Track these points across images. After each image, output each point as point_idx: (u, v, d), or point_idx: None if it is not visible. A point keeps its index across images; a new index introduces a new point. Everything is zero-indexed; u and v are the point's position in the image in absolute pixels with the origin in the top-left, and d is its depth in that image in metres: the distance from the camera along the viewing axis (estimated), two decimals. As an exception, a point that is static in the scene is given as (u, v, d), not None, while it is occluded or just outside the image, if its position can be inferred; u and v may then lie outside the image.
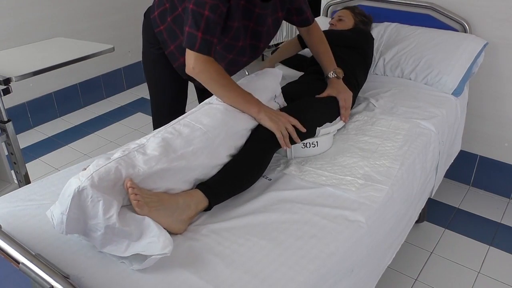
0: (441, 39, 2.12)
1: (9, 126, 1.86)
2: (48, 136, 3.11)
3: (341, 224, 1.21)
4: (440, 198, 2.41)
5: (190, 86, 1.80)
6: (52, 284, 0.89)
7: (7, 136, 1.86)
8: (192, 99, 1.90)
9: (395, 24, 2.31)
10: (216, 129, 1.32)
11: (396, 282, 1.90)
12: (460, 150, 2.19)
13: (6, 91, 1.76)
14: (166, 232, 1.06)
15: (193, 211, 1.20)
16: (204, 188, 1.24)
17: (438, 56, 2.05)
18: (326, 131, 1.57)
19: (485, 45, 2.12)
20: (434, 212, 2.31)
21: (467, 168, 2.50)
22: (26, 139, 3.05)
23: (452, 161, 2.12)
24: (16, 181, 2.04)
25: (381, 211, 1.31)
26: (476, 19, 2.19)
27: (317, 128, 1.54)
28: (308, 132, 1.51)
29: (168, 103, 1.80)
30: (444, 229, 2.22)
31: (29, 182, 1.94)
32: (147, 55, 1.76)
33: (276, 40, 3.70)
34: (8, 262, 0.97)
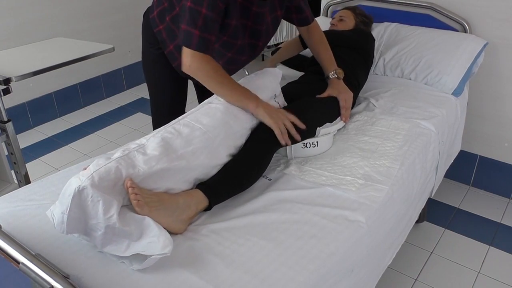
0: (441, 39, 2.12)
1: (9, 126, 1.86)
2: (48, 136, 3.10)
3: (341, 224, 1.21)
4: (440, 198, 2.41)
5: (190, 86, 1.80)
6: (52, 284, 0.89)
7: (7, 136, 1.86)
8: (192, 99, 1.90)
9: (395, 24, 2.31)
10: (216, 129, 1.32)
11: (396, 282, 1.90)
12: (460, 150, 2.19)
13: (6, 91, 1.77)
14: (166, 232, 1.06)
15: (193, 211, 1.20)
16: (204, 188, 1.24)
17: (438, 56, 2.05)
18: (326, 131, 1.57)
19: (485, 45, 2.12)
20: (434, 212, 2.31)
21: (467, 168, 2.50)
22: (26, 139, 3.05)
23: (452, 161, 2.12)
24: (16, 181, 2.04)
25: (381, 211, 1.31)
26: (476, 19, 2.19)
27: (317, 128, 1.54)
28: (308, 132, 1.51)
29: (168, 103, 1.80)
30: (444, 229, 2.22)
31: (29, 182, 1.94)
32: (147, 55, 1.76)
33: (276, 40, 3.70)
34: (8, 262, 0.97)
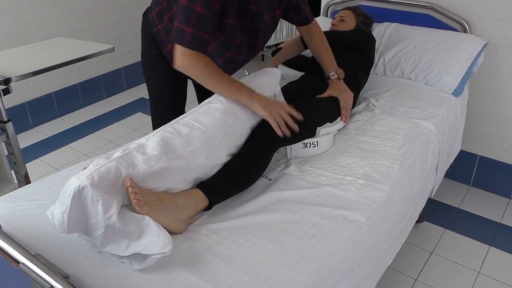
0: (441, 39, 2.12)
1: (9, 126, 1.86)
2: (48, 136, 3.10)
3: (341, 224, 1.21)
4: (440, 198, 2.41)
5: (190, 86, 1.80)
6: (52, 284, 0.89)
7: (7, 136, 1.86)
8: (192, 99, 1.89)
9: (395, 24, 2.31)
10: (216, 128, 1.32)
11: (396, 282, 1.90)
12: (460, 150, 2.19)
13: (6, 91, 1.77)
14: (166, 231, 1.07)
15: (193, 211, 1.20)
16: (204, 187, 1.24)
17: (438, 56, 2.05)
18: (327, 131, 1.57)
19: (485, 45, 2.12)
20: (434, 212, 2.31)
21: (467, 168, 2.50)
22: (26, 139, 3.05)
23: (452, 161, 2.12)
24: (16, 181, 2.04)
25: (381, 211, 1.31)
26: (476, 19, 2.19)
27: (318, 128, 1.54)
28: (309, 132, 1.51)
29: (167, 103, 1.80)
30: (444, 229, 2.22)
31: (29, 182, 1.94)
32: (146, 55, 1.76)
33: (276, 40, 3.70)
34: (8, 262, 0.97)
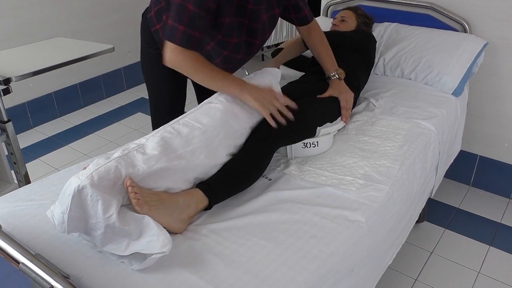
0: (441, 39, 2.12)
1: (9, 126, 1.86)
2: (48, 136, 3.10)
3: (341, 224, 1.21)
4: (440, 198, 2.41)
5: (190, 87, 1.80)
6: (52, 284, 0.89)
7: (7, 136, 1.86)
8: (192, 99, 1.90)
9: (395, 24, 2.31)
10: (216, 128, 1.32)
11: (396, 282, 1.90)
12: (460, 150, 2.19)
13: (6, 91, 1.77)
14: (166, 231, 1.07)
15: (193, 211, 1.20)
16: (204, 187, 1.24)
17: (438, 56, 2.05)
18: (327, 131, 1.57)
19: (485, 45, 2.12)
20: (434, 212, 2.31)
21: (467, 168, 2.50)
22: (26, 139, 3.05)
23: (452, 161, 2.12)
24: (16, 181, 2.04)
25: (381, 211, 1.31)
26: (476, 19, 2.19)
27: (318, 128, 1.54)
28: (309, 132, 1.51)
29: (167, 103, 1.80)
30: (444, 229, 2.22)
31: (29, 182, 1.94)
32: (145, 55, 1.76)
33: (276, 39, 3.70)
34: (8, 262, 0.97)
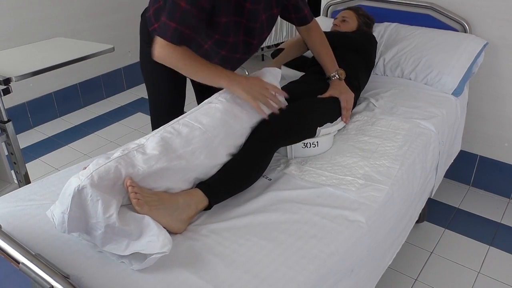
0: (441, 39, 2.12)
1: (9, 126, 1.86)
2: (48, 136, 3.10)
3: (341, 224, 1.21)
4: (440, 198, 2.41)
5: (189, 87, 1.80)
6: (52, 284, 0.89)
7: (7, 136, 1.86)
8: (191, 99, 1.90)
9: (395, 24, 2.31)
10: (216, 128, 1.32)
11: (396, 282, 1.90)
12: (460, 150, 2.19)
13: (6, 91, 1.77)
14: (166, 231, 1.07)
15: (193, 211, 1.20)
16: (204, 187, 1.24)
17: (438, 56, 2.05)
18: (327, 131, 1.57)
19: (485, 45, 2.12)
20: (434, 212, 2.31)
21: (467, 168, 2.50)
22: (26, 139, 3.05)
23: (452, 161, 2.12)
24: (16, 181, 2.04)
25: (381, 211, 1.31)
26: (476, 19, 2.19)
27: (318, 128, 1.54)
28: (309, 132, 1.51)
29: (167, 103, 1.80)
30: (444, 229, 2.22)
31: (29, 182, 1.94)
32: (144, 55, 1.75)
33: (276, 39, 3.70)
34: (8, 262, 0.97)
